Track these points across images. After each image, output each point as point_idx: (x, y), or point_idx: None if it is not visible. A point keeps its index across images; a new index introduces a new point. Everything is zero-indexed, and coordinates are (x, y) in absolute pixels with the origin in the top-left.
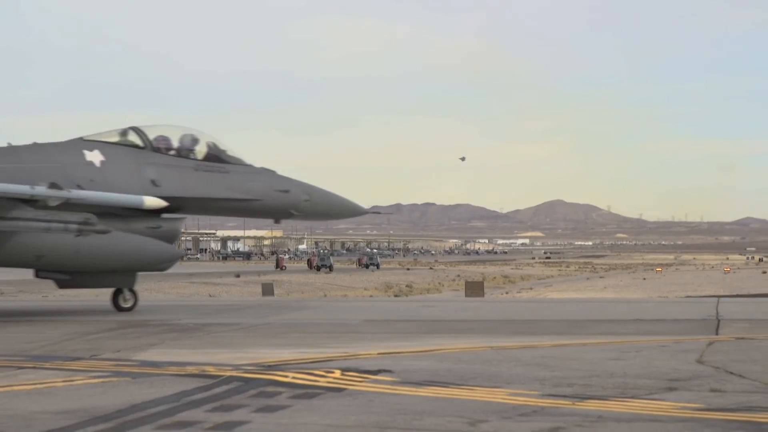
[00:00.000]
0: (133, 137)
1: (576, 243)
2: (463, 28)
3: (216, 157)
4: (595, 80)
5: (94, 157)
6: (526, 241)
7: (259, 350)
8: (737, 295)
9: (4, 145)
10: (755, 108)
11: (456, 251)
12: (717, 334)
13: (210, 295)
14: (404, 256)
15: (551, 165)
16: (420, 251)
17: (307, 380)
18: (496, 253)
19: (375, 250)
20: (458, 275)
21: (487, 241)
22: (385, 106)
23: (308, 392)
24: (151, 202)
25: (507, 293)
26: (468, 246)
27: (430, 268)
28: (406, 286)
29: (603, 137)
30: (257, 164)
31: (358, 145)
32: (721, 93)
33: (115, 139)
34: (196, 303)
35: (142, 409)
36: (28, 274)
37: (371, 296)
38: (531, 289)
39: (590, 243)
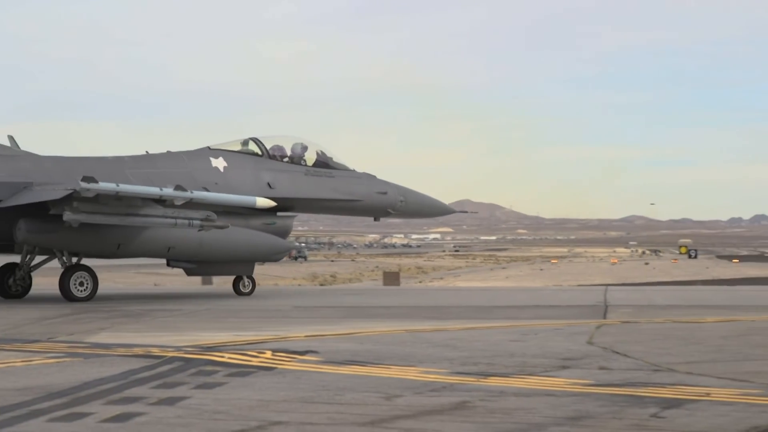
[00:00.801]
0: (252, 146)
1: (482, 238)
2: (382, 46)
3: (323, 163)
4: (496, 94)
5: (219, 163)
6: (438, 236)
7: (199, 333)
8: (623, 284)
9: (143, 153)
10: (634, 119)
11: (375, 245)
12: (605, 318)
13: (155, 284)
14: (329, 249)
15: (460, 168)
16: (343, 245)
17: (242, 360)
18: (410, 246)
19: (303, 244)
20: (377, 266)
21: (403, 235)
22: (313, 120)
23: (242, 371)
24: (262, 202)
25: (420, 282)
26: (386, 240)
27: (352, 260)
28: (331, 276)
29: (505, 144)
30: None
31: None
32: (602, 105)
33: (237, 147)
34: (142, 291)
35: (94, 386)
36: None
37: (299, 285)
38: (441, 278)
39: (494, 238)
